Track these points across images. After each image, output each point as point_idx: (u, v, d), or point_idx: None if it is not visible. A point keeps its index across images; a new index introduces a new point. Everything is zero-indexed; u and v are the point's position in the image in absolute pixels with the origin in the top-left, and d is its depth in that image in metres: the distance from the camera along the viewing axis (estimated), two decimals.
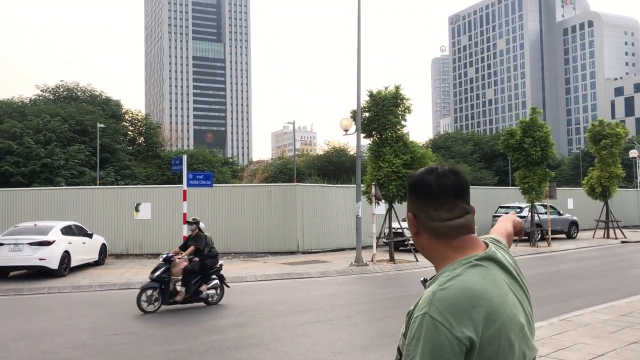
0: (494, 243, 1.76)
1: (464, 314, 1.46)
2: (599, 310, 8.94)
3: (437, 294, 1.50)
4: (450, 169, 1.70)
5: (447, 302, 1.48)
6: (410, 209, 1.71)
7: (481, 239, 1.74)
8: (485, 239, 1.77)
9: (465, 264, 1.59)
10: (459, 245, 1.65)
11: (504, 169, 49.16)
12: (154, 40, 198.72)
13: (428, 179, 1.67)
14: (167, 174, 34.32)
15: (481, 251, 1.65)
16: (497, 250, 1.70)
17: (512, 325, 1.53)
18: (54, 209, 21.23)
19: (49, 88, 41.83)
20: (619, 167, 28.37)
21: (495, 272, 1.61)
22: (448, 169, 1.70)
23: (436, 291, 1.51)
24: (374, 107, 18.72)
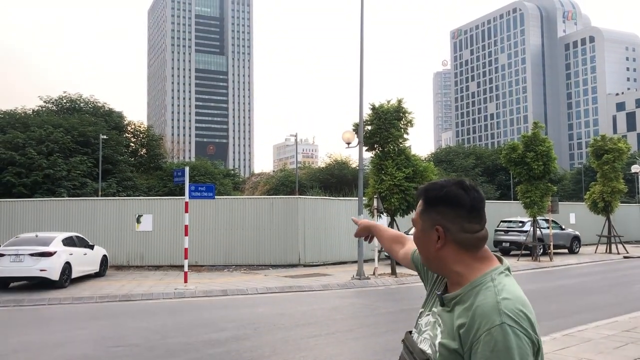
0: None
1: (530, 319, 1.55)
2: (602, 326, 8.89)
3: (502, 304, 1.55)
4: (472, 184, 1.76)
5: (515, 310, 1.54)
6: (437, 221, 1.71)
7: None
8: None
9: (500, 274, 1.66)
10: (483, 257, 1.71)
11: (506, 183, 49.14)
12: (157, 52, 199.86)
13: (461, 193, 1.71)
14: (169, 185, 34.34)
15: (495, 260, 1.72)
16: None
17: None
18: (56, 220, 21.23)
19: (51, 99, 42.00)
20: (621, 182, 28.35)
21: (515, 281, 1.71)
22: (470, 183, 1.75)
23: (499, 302, 1.56)
24: (376, 120, 18.78)
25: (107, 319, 11.29)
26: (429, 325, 1.77)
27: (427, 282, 1.96)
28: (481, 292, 1.63)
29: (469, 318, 1.59)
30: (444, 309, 1.72)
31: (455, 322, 1.64)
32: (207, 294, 14.48)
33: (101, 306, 13.04)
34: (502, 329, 1.51)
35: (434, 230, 1.71)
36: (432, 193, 1.74)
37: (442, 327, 1.69)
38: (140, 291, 14.66)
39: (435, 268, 1.77)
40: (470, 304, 1.62)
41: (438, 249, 1.72)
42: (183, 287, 15.09)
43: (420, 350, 1.73)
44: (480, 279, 1.66)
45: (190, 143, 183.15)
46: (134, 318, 11.36)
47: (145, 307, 12.85)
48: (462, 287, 1.68)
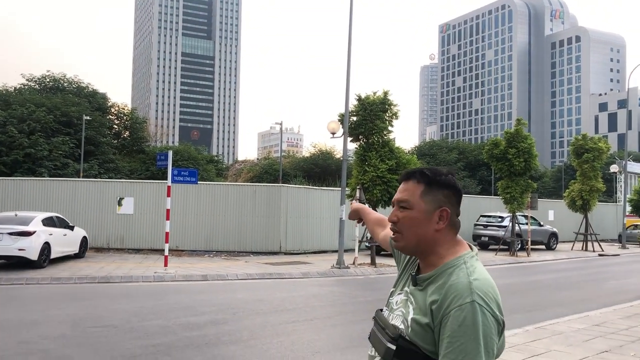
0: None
1: (497, 301, 1.70)
2: (574, 320, 9.11)
3: (473, 284, 1.69)
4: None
5: (484, 291, 1.68)
6: (444, 203, 1.83)
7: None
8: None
9: (471, 258, 1.81)
10: (459, 241, 1.88)
11: (487, 179, 49.63)
12: (143, 35, 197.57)
13: (455, 180, 1.91)
14: (152, 169, 34.14)
15: (467, 246, 1.88)
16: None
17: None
18: (36, 199, 21.05)
19: (34, 77, 41.42)
20: (599, 181, 28.83)
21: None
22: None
23: (471, 282, 1.69)
24: (361, 111, 18.86)
25: (86, 300, 11.28)
26: (401, 303, 1.88)
27: (400, 263, 2.07)
28: (454, 272, 1.75)
29: (441, 295, 1.71)
30: (417, 288, 1.83)
31: (427, 299, 1.75)
32: (187, 279, 14.51)
33: (80, 287, 13.01)
34: (472, 306, 1.64)
35: (437, 211, 1.81)
36: (439, 177, 1.85)
37: (414, 304, 1.80)
38: (120, 274, 14.65)
39: (423, 248, 1.85)
40: (443, 282, 1.74)
41: (437, 230, 1.81)
42: (163, 270, 15.09)
43: (392, 325, 1.83)
44: (454, 261, 1.79)
45: (174, 127, 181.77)
46: (112, 300, 11.37)
47: (124, 289, 12.85)
48: (437, 267, 1.80)
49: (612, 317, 9.45)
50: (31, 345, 7.49)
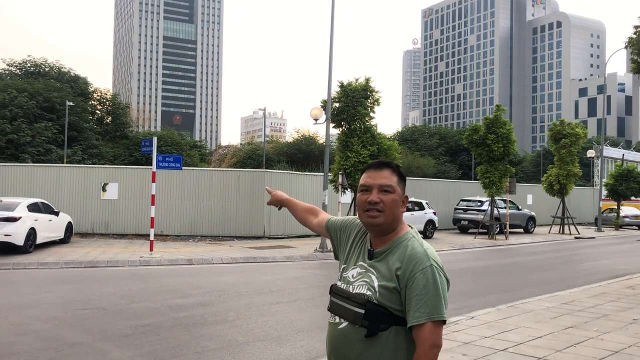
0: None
1: (441, 263, 2.17)
2: (544, 299, 9.58)
3: (428, 252, 2.15)
4: None
5: (435, 257, 2.16)
6: (404, 192, 2.29)
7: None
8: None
9: (416, 233, 2.29)
10: (404, 221, 2.34)
11: (467, 164, 50.30)
12: (124, 18, 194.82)
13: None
14: (135, 154, 34.16)
15: (406, 225, 2.34)
16: None
17: None
18: (20, 185, 21.10)
19: (15, 62, 40.99)
20: (576, 166, 29.51)
21: None
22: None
23: (426, 250, 2.16)
24: (344, 98, 19.16)
25: (74, 284, 11.52)
26: (359, 275, 2.23)
27: (341, 246, 2.47)
28: (408, 244, 2.19)
29: (403, 262, 2.13)
30: (375, 260, 2.22)
31: (391, 267, 2.15)
32: (173, 263, 14.79)
33: (67, 272, 13.24)
34: (431, 269, 2.10)
35: (403, 197, 2.27)
36: (402, 172, 2.32)
37: (377, 274, 2.18)
38: (106, 258, 14.89)
39: (392, 226, 2.23)
40: (402, 252, 2.16)
41: (401, 212, 2.26)
42: (149, 255, 15.36)
43: (357, 294, 2.18)
44: (403, 235, 2.24)
45: (156, 112, 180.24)
46: (100, 283, 11.63)
47: (111, 273, 13.10)
48: (391, 242, 2.22)
49: (581, 296, 9.95)
50: (24, 327, 7.75)
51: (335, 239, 2.51)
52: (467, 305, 9.61)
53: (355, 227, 2.42)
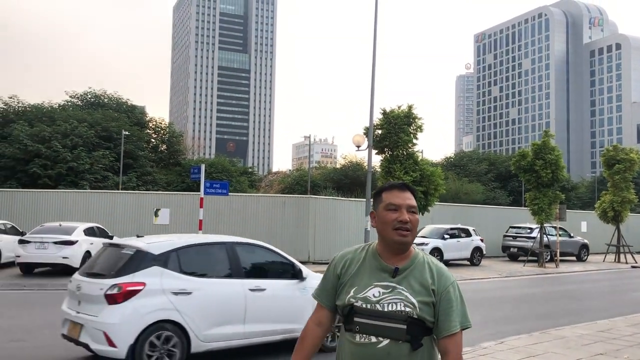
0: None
1: None
2: (580, 327, 9.46)
3: (446, 268, 2.46)
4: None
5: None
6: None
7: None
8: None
9: (419, 250, 2.52)
10: None
11: (518, 190, 49.33)
12: (181, 49, 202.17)
13: None
14: (187, 181, 35.31)
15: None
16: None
17: None
18: (78, 210, 22.23)
19: (77, 94, 43.34)
20: (631, 192, 28.59)
21: None
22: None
23: (445, 267, 2.46)
24: (386, 124, 19.44)
25: None
26: (385, 294, 2.34)
27: (342, 283, 2.45)
28: (427, 260, 2.45)
29: (435, 278, 2.38)
30: (400, 278, 2.36)
31: (424, 283, 2.35)
32: None
33: None
34: (456, 283, 2.45)
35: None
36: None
37: (409, 289, 2.34)
38: None
39: (412, 242, 2.44)
40: (429, 269, 2.40)
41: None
42: None
43: (394, 312, 2.31)
44: (417, 253, 2.46)
45: (210, 140, 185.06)
46: None
47: None
48: (409, 259, 2.41)
49: (620, 324, 9.76)
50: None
51: (332, 279, 2.52)
52: (501, 331, 9.61)
53: (344, 261, 2.49)
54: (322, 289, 2.54)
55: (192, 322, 6.40)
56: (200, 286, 6.62)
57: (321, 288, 2.55)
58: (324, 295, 2.53)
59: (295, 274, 7.80)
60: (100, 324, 6.15)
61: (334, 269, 2.51)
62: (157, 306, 6.25)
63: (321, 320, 2.54)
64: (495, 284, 18.22)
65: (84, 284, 6.68)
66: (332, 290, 2.49)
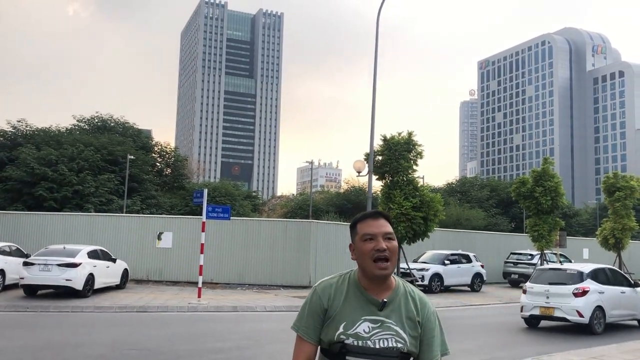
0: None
1: None
2: (572, 353, 9.60)
3: (425, 295, 2.42)
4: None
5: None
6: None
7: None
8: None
9: (398, 276, 2.48)
10: None
11: (519, 216, 49.41)
12: (188, 74, 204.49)
13: None
14: (191, 205, 35.58)
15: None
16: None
17: None
18: (82, 233, 22.50)
19: (84, 118, 43.97)
20: (632, 220, 28.73)
21: None
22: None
23: (423, 294, 2.41)
24: (386, 151, 19.77)
25: (124, 327, 12.32)
26: (375, 329, 2.25)
27: (322, 309, 2.34)
28: (409, 289, 2.38)
29: (419, 309, 2.33)
30: (388, 311, 2.27)
31: (411, 315, 2.29)
32: (218, 309, 15.45)
33: (119, 315, 14.10)
34: (435, 310, 2.39)
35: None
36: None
37: (398, 323, 2.28)
38: (157, 304, 15.70)
39: (392, 271, 2.33)
40: (413, 299, 2.34)
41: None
42: (196, 301, 16.09)
43: (387, 348, 2.24)
44: (398, 281, 2.38)
45: (216, 163, 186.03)
46: (148, 327, 12.38)
47: (160, 318, 13.86)
48: (392, 290, 2.32)
49: (614, 351, 9.90)
50: None
51: (315, 312, 2.36)
52: (497, 356, 9.76)
53: (328, 292, 2.36)
54: (308, 323, 2.34)
55: (606, 307, 13.46)
56: (606, 289, 13.69)
57: (306, 322, 2.34)
58: (312, 330, 2.33)
59: (632, 284, 14.80)
60: (573, 307, 13.01)
61: (318, 300, 2.35)
62: (595, 298, 13.22)
63: (310, 357, 2.34)
64: (494, 310, 18.30)
65: (552, 287, 13.59)
66: (320, 324, 2.32)
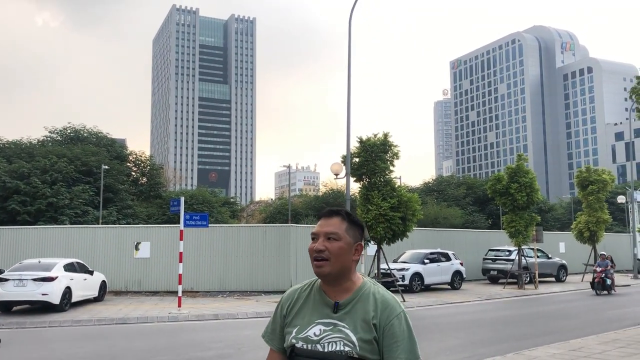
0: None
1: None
2: (553, 346, 9.71)
3: (395, 299, 2.19)
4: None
5: (399, 302, 2.21)
6: (358, 239, 2.26)
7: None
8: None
9: (372, 281, 2.29)
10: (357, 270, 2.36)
11: (496, 213, 49.95)
12: (161, 81, 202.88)
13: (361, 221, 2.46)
14: (168, 213, 35.25)
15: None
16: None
17: None
18: (58, 246, 22.13)
19: (56, 129, 43.27)
20: (605, 213, 29.25)
21: None
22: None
23: (393, 297, 2.19)
24: (363, 153, 19.81)
25: (104, 340, 12.12)
26: (326, 332, 2.14)
27: (282, 311, 2.32)
28: (375, 291, 2.20)
29: (377, 311, 2.13)
30: (342, 313, 2.15)
31: (366, 317, 2.12)
32: (199, 318, 15.30)
33: (99, 328, 13.87)
34: (404, 315, 2.15)
35: (355, 245, 2.23)
36: (355, 217, 2.27)
37: (350, 326, 2.13)
38: (136, 315, 15.49)
39: (342, 274, 2.19)
40: (373, 301, 2.15)
41: (353, 260, 2.21)
42: (177, 311, 15.92)
43: (333, 352, 2.11)
44: (365, 284, 2.22)
45: (192, 170, 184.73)
46: (128, 339, 12.20)
47: (140, 329, 13.68)
48: (354, 291, 2.19)
49: (592, 343, 10.04)
50: None
51: (281, 319, 2.33)
52: (477, 354, 9.82)
53: (290, 299, 2.32)
54: (272, 332, 2.34)
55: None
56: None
57: (271, 329, 2.35)
58: (275, 338, 2.33)
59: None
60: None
61: (280, 309, 2.33)
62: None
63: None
64: (475, 307, 18.46)
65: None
66: (281, 332, 2.30)
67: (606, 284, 22.17)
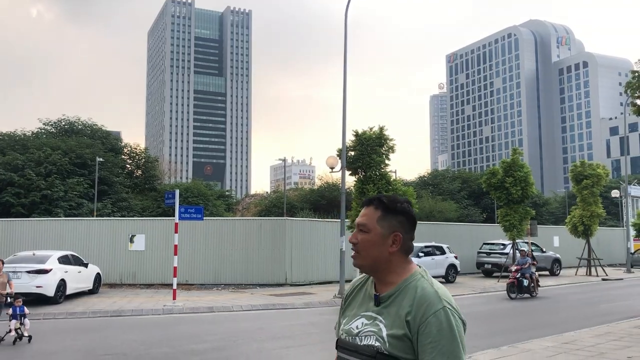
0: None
1: (455, 303, 1.98)
2: (547, 339, 9.77)
3: (439, 292, 1.94)
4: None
5: (449, 298, 1.95)
6: (397, 228, 2.05)
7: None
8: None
9: (425, 273, 2.08)
10: (410, 261, 2.11)
11: (491, 207, 50.08)
12: (156, 74, 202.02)
13: (412, 209, 2.12)
14: (163, 206, 35.19)
15: (415, 265, 2.14)
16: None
17: None
18: (52, 239, 22.07)
19: (50, 121, 43.04)
20: (599, 207, 29.36)
21: None
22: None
23: (437, 291, 1.95)
24: (359, 146, 19.80)
25: (98, 332, 12.12)
26: (366, 325, 2.04)
27: (345, 306, 2.24)
28: (417, 285, 1.99)
29: (413, 306, 1.93)
30: (382, 307, 2.03)
31: (401, 313, 1.95)
32: (194, 311, 15.31)
33: (93, 321, 13.86)
34: (444, 311, 1.88)
35: (391, 235, 2.04)
36: (394, 204, 2.07)
37: (385, 321, 1.99)
38: (131, 307, 15.49)
39: (378, 267, 2.06)
40: (411, 295, 1.97)
41: (391, 252, 2.04)
42: (171, 304, 15.92)
43: (365, 346, 1.99)
44: (411, 277, 2.03)
45: (187, 163, 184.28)
46: (123, 331, 12.20)
47: (134, 321, 13.68)
48: (397, 284, 2.03)
49: (585, 336, 10.10)
50: None
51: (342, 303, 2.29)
52: (471, 346, 9.84)
53: (349, 290, 2.26)
54: (338, 324, 2.26)
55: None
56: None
57: (338, 323, 2.27)
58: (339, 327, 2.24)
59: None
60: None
61: (343, 300, 2.27)
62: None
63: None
64: (469, 300, 18.53)
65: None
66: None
67: (523, 285, 18.87)
